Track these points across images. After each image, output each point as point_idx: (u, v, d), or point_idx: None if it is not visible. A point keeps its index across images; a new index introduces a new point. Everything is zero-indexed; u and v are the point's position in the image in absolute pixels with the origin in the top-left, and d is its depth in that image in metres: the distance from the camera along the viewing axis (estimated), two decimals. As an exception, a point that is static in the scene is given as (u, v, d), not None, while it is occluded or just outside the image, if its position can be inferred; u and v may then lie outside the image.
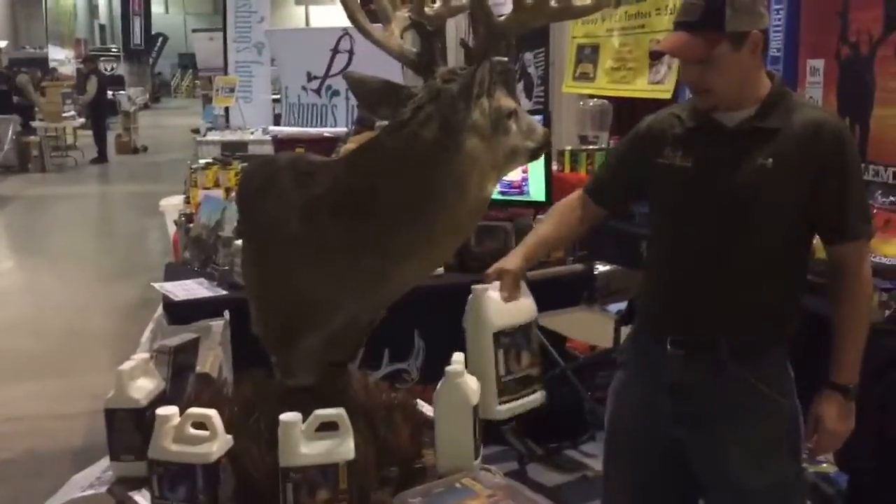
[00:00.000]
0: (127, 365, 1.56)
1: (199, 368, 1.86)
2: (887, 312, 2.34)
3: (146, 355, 1.63)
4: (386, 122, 1.58)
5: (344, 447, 1.36)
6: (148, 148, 14.85)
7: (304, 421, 1.37)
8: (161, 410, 1.38)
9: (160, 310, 3.11)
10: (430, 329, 3.30)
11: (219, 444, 1.36)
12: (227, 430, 1.46)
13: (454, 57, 1.79)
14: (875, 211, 2.76)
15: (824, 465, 2.40)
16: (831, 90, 3.09)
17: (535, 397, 1.79)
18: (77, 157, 13.79)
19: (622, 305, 3.04)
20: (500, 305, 1.73)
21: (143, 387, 1.56)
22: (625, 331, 2.85)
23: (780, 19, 3.36)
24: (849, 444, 2.21)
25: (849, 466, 2.29)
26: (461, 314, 1.73)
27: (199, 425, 1.36)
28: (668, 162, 1.81)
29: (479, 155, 1.47)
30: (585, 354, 3.37)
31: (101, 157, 13.63)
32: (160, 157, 13.77)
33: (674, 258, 1.83)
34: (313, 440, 1.36)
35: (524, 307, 1.77)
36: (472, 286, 1.75)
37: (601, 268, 3.55)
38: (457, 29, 4.44)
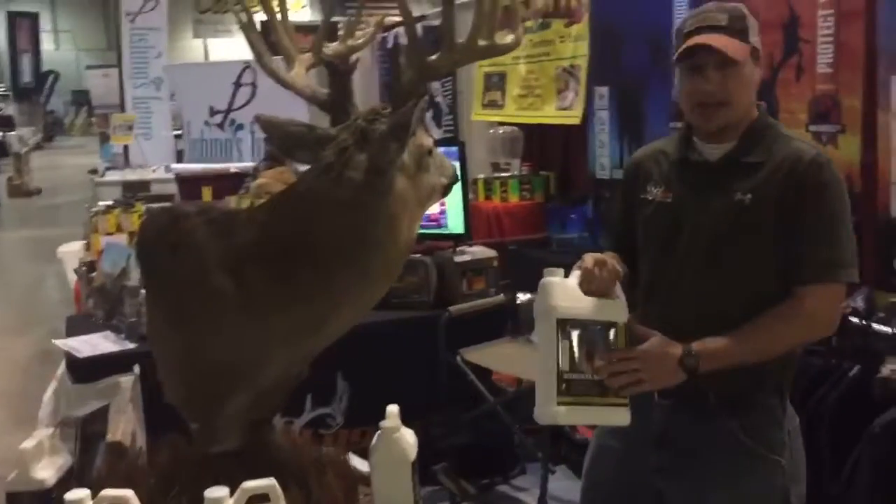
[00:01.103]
0: (29, 442, 1.42)
1: (109, 437, 1.72)
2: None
3: (49, 430, 1.50)
4: (303, 166, 1.52)
5: (276, 521, 1.26)
6: (42, 190, 14.21)
7: (231, 494, 1.26)
8: (70, 495, 1.24)
9: (63, 367, 2.91)
10: (354, 370, 3.19)
11: (137, 528, 1.23)
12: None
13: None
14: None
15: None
16: (737, 113, 3.15)
17: (617, 412, 1.53)
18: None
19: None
20: (576, 294, 1.54)
21: (49, 465, 1.43)
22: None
23: (683, 45, 3.43)
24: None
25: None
26: (385, 353, 1.64)
27: (115, 509, 1.23)
28: (650, 198, 1.75)
29: (408, 195, 1.45)
30: (513, 388, 3.32)
31: None
32: (56, 200, 13.18)
33: (656, 300, 1.73)
34: (243, 515, 1.25)
35: (609, 305, 1.56)
36: (545, 269, 1.57)
37: (523, 297, 3.52)
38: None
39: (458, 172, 3.43)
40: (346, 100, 1.50)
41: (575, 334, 1.50)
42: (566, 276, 1.58)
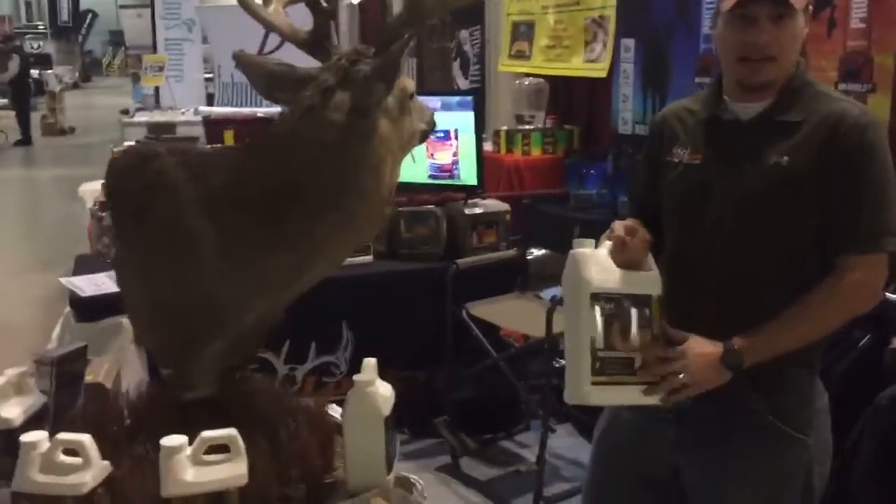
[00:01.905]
0: (-2, 379, 1.40)
1: (89, 378, 1.70)
2: None
3: (21, 368, 1.47)
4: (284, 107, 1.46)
5: (236, 471, 1.23)
6: (76, 129, 14.33)
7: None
8: (27, 436, 1.22)
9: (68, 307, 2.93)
10: (359, 319, 3.18)
11: (93, 472, 1.21)
12: (114, 452, 1.33)
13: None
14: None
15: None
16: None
17: (651, 394, 1.47)
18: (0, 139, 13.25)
19: (556, 291, 2.96)
20: (608, 265, 1.46)
21: (18, 404, 1.41)
22: (559, 318, 2.78)
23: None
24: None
25: None
26: (391, 303, 1.61)
27: (70, 453, 1.21)
28: (676, 160, 1.64)
29: (391, 138, 1.41)
30: (520, 344, 3.27)
31: (25, 140, 13.09)
32: (89, 139, 13.28)
33: (682, 266, 1.62)
34: (201, 465, 1.22)
35: (643, 277, 1.48)
36: (575, 240, 1.50)
37: (535, 252, 3.46)
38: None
39: (474, 123, 3.40)
40: (326, 39, 1.44)
41: (608, 308, 1.42)
42: (596, 245, 1.49)
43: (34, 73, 15.97)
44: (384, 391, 1.46)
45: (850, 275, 1.49)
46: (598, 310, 1.42)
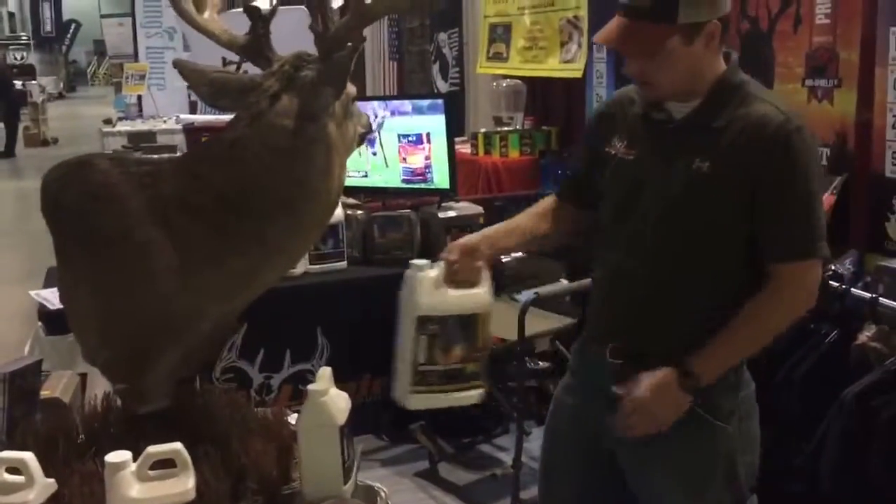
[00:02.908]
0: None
1: (48, 393, 1.69)
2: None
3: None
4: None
5: (182, 487, 1.21)
6: (59, 140, 14.27)
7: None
8: (-33, 456, 1.21)
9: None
10: (334, 326, 3.17)
11: (37, 491, 1.19)
12: (63, 468, 1.32)
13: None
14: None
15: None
16: (733, 66, 3.03)
17: (468, 395, 1.64)
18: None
19: (531, 294, 2.95)
20: (438, 287, 1.59)
21: (-34, 423, 1.39)
22: (533, 321, 2.78)
23: (682, -6, 3.29)
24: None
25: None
26: (367, 309, 1.68)
27: (13, 471, 1.20)
28: (613, 152, 1.66)
29: (338, 142, 1.43)
30: (496, 345, 3.26)
31: (8, 152, 13.05)
32: (72, 150, 13.15)
33: (612, 260, 1.67)
34: (146, 481, 1.21)
35: (471, 297, 1.61)
36: (411, 261, 1.66)
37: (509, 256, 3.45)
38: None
39: (445, 126, 3.39)
40: (265, 46, 1.44)
41: (433, 329, 1.57)
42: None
43: (18, 84, 15.89)
44: (339, 401, 1.44)
45: (789, 283, 1.53)
46: (423, 332, 1.57)
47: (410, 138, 3.37)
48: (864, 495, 1.90)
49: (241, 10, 1.60)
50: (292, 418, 1.67)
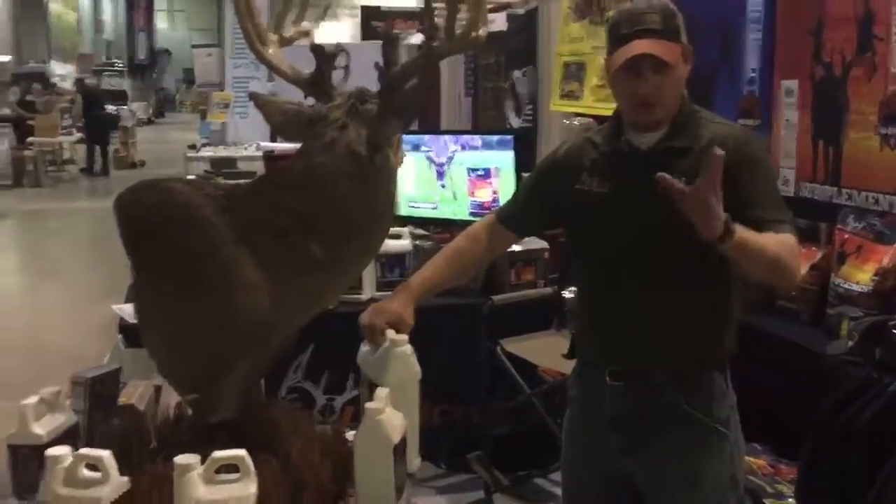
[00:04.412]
0: (31, 398, 1.49)
1: (123, 400, 1.79)
2: (851, 342, 2.26)
3: (56, 388, 1.56)
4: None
5: (245, 491, 1.29)
6: (146, 163, 14.86)
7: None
8: (51, 451, 1.31)
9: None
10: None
11: (111, 487, 1.28)
12: (136, 469, 1.41)
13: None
14: (846, 236, 2.69)
15: (789, 500, 2.32)
16: (805, 111, 3.01)
17: None
18: (73, 171, 13.83)
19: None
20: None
21: (49, 422, 1.50)
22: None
23: (757, 38, 3.30)
24: (809, 477, 2.14)
25: (809, 500, 2.20)
26: (427, 337, 1.77)
27: (91, 467, 1.29)
28: (585, 188, 1.81)
29: (395, 167, 1.58)
30: (554, 379, 3.28)
31: (89, 170, 13.71)
32: (158, 172, 13.74)
33: (601, 287, 1.82)
34: (212, 483, 1.28)
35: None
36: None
37: (572, 291, 3.47)
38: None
39: (514, 161, 3.45)
40: (327, 81, 1.56)
41: None
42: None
43: (111, 108, 16.65)
44: (395, 420, 1.51)
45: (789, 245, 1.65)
46: None
47: (479, 172, 3.45)
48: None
49: (300, 44, 1.73)
50: (350, 435, 1.75)
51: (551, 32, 5.91)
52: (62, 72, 21.16)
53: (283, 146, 8.97)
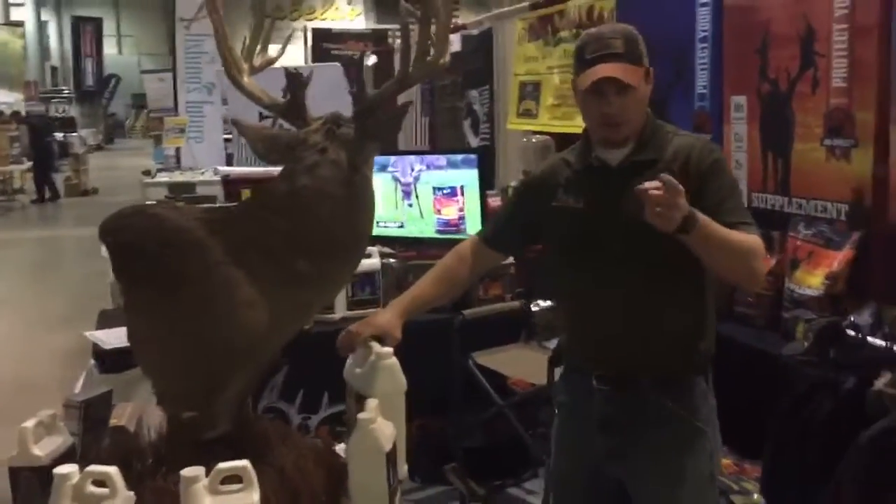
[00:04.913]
0: (30, 422, 1.53)
1: (114, 422, 1.83)
2: (807, 343, 2.39)
3: (51, 411, 1.60)
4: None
5: (248, 500, 1.34)
6: (98, 190, 14.69)
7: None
8: (59, 469, 1.35)
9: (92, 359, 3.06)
10: (369, 370, 3.28)
11: (120, 501, 1.33)
12: (138, 485, 1.45)
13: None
14: (798, 243, 2.83)
15: (755, 496, 2.43)
16: (754, 125, 3.16)
17: None
18: (24, 199, 13.62)
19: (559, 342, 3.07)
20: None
21: (48, 444, 1.54)
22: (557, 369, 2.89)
23: (704, 57, 3.45)
24: (773, 473, 2.25)
25: (773, 495, 2.31)
26: (400, 353, 1.81)
27: (98, 483, 1.33)
28: (562, 204, 1.91)
29: (373, 189, 1.67)
30: (525, 391, 3.36)
31: (40, 199, 13.53)
32: (111, 199, 13.59)
33: (584, 298, 1.91)
34: (217, 494, 1.34)
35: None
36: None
37: (539, 304, 3.57)
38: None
39: (479, 180, 3.53)
40: (301, 106, 1.65)
41: None
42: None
43: (59, 135, 16.43)
44: (386, 429, 1.57)
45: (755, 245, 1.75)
46: None
47: (445, 191, 3.54)
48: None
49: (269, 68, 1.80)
50: (339, 449, 1.81)
51: (506, 52, 6.06)
52: (9, 99, 20.80)
53: (240, 170, 8.96)
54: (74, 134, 17.97)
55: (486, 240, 2.09)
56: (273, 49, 1.90)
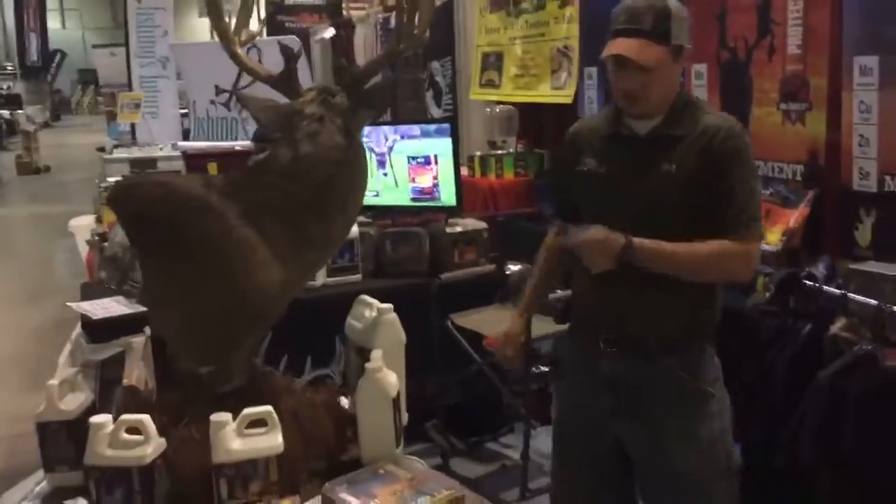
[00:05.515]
0: (56, 379, 1.61)
1: (125, 381, 1.92)
2: (768, 294, 2.56)
3: (74, 369, 1.68)
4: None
5: (273, 442, 1.45)
6: (51, 168, 14.43)
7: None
8: (95, 419, 1.44)
9: (78, 329, 3.11)
10: (351, 334, 3.39)
11: (153, 446, 1.43)
12: (165, 434, 1.55)
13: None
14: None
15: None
16: (714, 92, 3.32)
17: None
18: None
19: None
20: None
21: (74, 399, 1.62)
22: (538, 325, 3.02)
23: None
24: (740, 415, 2.42)
25: (741, 434, 2.49)
26: None
27: (133, 430, 1.43)
28: (586, 169, 1.92)
29: (365, 154, 1.77)
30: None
31: None
32: (64, 177, 13.41)
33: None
34: (244, 437, 1.45)
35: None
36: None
37: (512, 267, 3.70)
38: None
39: (452, 148, 3.64)
40: (294, 78, 1.74)
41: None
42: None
43: (5, 113, 16.05)
44: (390, 377, 1.69)
45: (739, 252, 1.79)
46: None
47: (419, 160, 3.64)
48: (838, 464, 2.16)
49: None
50: (342, 401, 1.92)
51: (468, 23, 6.15)
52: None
53: (198, 144, 8.92)
54: (21, 111, 17.57)
55: (564, 217, 2.06)
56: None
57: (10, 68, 25.42)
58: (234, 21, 1.91)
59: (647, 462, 1.93)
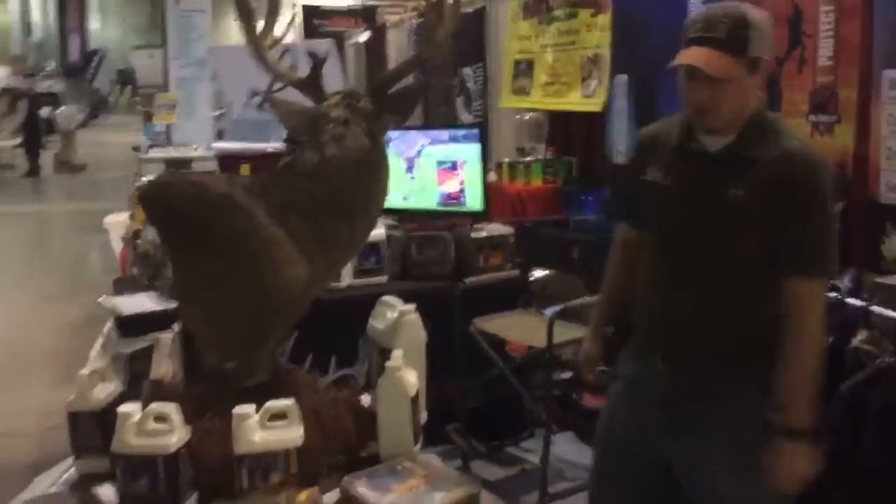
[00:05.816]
0: (87, 370, 1.67)
1: (152, 375, 1.97)
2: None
3: (105, 361, 1.74)
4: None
5: (294, 434, 1.50)
6: (87, 165, 14.67)
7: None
8: (123, 408, 1.50)
9: (109, 324, 3.19)
10: (375, 336, 3.43)
11: (178, 436, 1.48)
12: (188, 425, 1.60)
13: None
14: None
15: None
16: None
17: None
18: (13, 175, 13.61)
19: (557, 308, 3.21)
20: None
21: (103, 390, 1.68)
22: (560, 331, 3.04)
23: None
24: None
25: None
26: None
27: (159, 420, 1.48)
28: (651, 179, 1.84)
29: (388, 157, 1.83)
30: (524, 354, 3.53)
31: (34, 173, 13.56)
32: (101, 175, 13.62)
33: (659, 275, 1.87)
34: (265, 429, 1.49)
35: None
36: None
37: (537, 273, 3.72)
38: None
39: (480, 154, 3.67)
40: (320, 82, 1.81)
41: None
42: None
43: (45, 112, 16.32)
44: (410, 376, 1.73)
45: (807, 300, 1.71)
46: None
47: (447, 165, 3.68)
48: (859, 474, 2.15)
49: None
50: (362, 399, 1.96)
51: (499, 30, 6.18)
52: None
53: (233, 146, 9.05)
54: (63, 109, 17.86)
55: (634, 225, 2.00)
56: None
57: (52, 67, 25.87)
58: (262, 24, 1.96)
59: (694, 486, 1.84)
